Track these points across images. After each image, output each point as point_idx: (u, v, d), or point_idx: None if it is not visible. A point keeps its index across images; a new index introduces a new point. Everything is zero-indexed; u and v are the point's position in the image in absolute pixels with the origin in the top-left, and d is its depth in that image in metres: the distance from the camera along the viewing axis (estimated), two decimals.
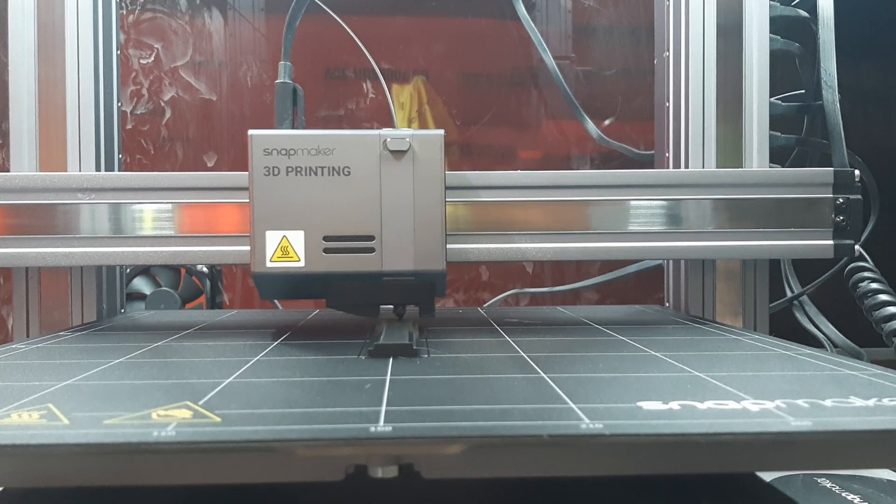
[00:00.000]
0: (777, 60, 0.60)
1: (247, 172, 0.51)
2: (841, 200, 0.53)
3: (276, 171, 0.42)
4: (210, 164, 0.87)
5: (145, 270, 0.78)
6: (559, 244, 0.52)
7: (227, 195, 0.52)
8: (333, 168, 0.43)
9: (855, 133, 0.84)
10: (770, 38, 0.58)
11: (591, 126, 0.80)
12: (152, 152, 0.87)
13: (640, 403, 0.26)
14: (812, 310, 0.68)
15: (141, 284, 0.78)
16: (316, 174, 0.43)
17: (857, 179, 0.54)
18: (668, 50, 0.62)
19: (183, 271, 0.79)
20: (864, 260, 0.59)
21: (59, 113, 0.56)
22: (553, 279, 0.90)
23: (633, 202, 0.53)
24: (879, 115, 0.87)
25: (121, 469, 0.22)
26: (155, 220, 0.52)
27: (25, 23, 0.56)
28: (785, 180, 0.53)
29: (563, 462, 0.22)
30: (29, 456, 0.22)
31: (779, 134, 0.62)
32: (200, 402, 0.27)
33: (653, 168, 0.69)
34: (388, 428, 0.23)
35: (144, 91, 0.87)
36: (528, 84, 0.90)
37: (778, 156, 0.65)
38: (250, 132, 0.43)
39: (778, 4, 0.59)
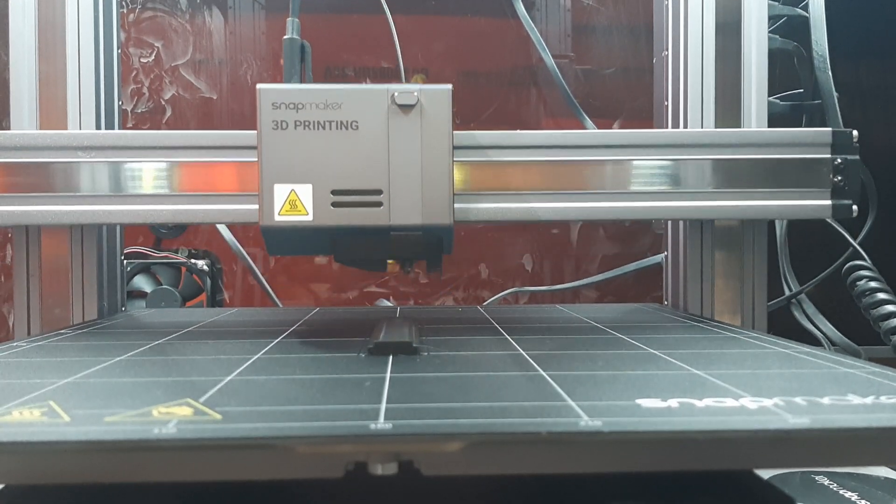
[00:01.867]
0: (775, 59, 0.60)
1: (248, 131, 0.50)
2: (839, 161, 0.53)
3: (284, 125, 0.42)
4: None
5: (146, 268, 0.78)
6: (565, 203, 0.52)
7: (229, 154, 0.52)
8: (341, 122, 0.42)
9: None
10: (768, 36, 0.58)
11: (589, 125, 0.80)
12: None
13: (638, 401, 0.26)
14: (810, 308, 0.68)
15: (141, 282, 0.78)
16: (324, 128, 0.42)
17: (854, 140, 0.53)
18: (667, 49, 0.62)
19: (184, 270, 0.79)
20: (862, 258, 0.59)
21: (59, 111, 0.56)
22: (552, 278, 0.90)
23: (637, 162, 0.52)
24: (878, 114, 0.87)
25: (122, 466, 0.22)
26: (156, 178, 0.52)
27: (26, 21, 0.56)
28: (783, 140, 0.53)
29: (561, 459, 0.22)
30: (30, 453, 0.22)
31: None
32: (201, 400, 0.27)
33: None
34: (388, 425, 0.23)
35: (145, 90, 0.87)
36: (527, 83, 0.90)
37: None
38: (259, 86, 0.43)
39: (777, 3, 0.59)
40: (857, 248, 0.63)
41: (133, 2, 0.88)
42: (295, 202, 0.43)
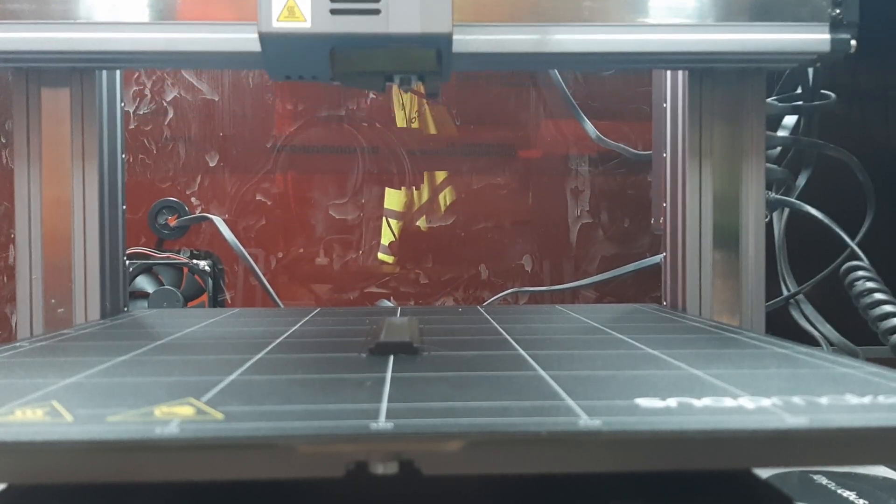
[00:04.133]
0: None
1: None
2: None
3: None
4: (212, 164, 0.88)
5: (148, 269, 0.79)
6: (568, 35, 0.52)
7: None
8: None
9: (852, 133, 0.85)
10: None
11: (589, 126, 0.80)
12: (155, 152, 0.88)
13: (637, 400, 0.26)
14: (808, 308, 0.68)
15: (144, 283, 0.78)
16: None
17: None
18: None
19: (185, 270, 0.80)
20: (860, 259, 0.60)
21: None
22: (552, 278, 0.91)
23: None
24: (877, 115, 0.87)
25: (124, 465, 0.22)
26: (152, 7, 0.52)
27: None
28: None
29: (561, 458, 0.23)
30: (33, 452, 0.22)
31: (775, 134, 0.62)
32: (203, 400, 0.27)
33: (651, 169, 0.69)
34: (389, 425, 0.23)
35: (147, 91, 0.87)
36: (526, 84, 0.90)
37: (773, 156, 0.66)
38: None
39: None
40: (855, 248, 0.63)
41: None
42: (293, 8, 0.42)
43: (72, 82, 0.57)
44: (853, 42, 0.52)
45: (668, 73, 0.62)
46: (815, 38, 0.52)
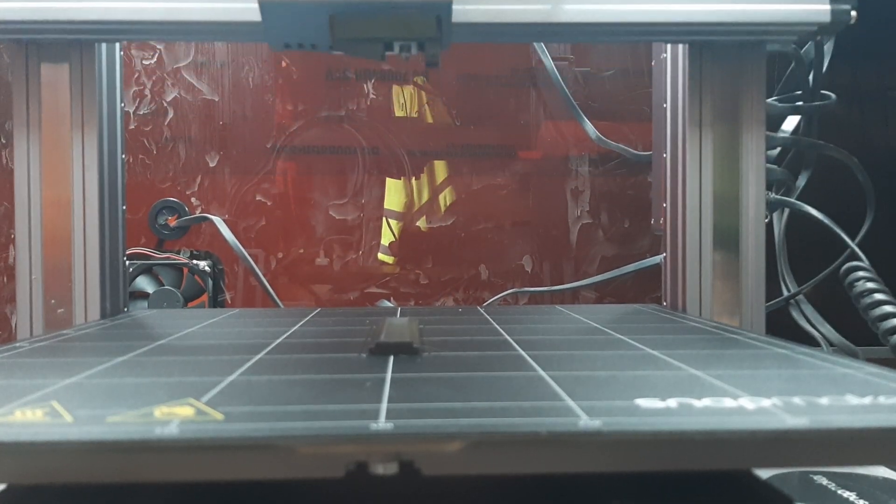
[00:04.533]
0: (773, 61, 0.61)
1: None
2: None
3: None
4: (212, 164, 0.88)
5: (148, 269, 0.79)
6: (573, 6, 0.51)
7: None
8: None
9: (852, 133, 0.85)
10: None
11: (589, 127, 0.80)
12: (155, 152, 0.88)
13: (637, 401, 0.26)
14: (808, 309, 0.68)
15: (144, 283, 0.78)
16: None
17: None
18: (666, 51, 0.62)
19: (185, 270, 0.80)
20: (860, 259, 0.60)
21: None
22: (552, 279, 0.91)
23: None
24: (876, 116, 0.87)
25: (124, 466, 0.22)
26: None
27: None
28: None
29: (561, 459, 0.23)
30: (33, 453, 0.22)
31: (775, 134, 0.62)
32: (203, 400, 0.27)
33: (651, 170, 0.69)
34: (389, 425, 0.23)
35: (147, 92, 0.87)
36: (526, 85, 0.91)
37: (773, 156, 0.66)
38: None
39: None
40: (856, 248, 0.63)
41: None
42: None
43: (71, 57, 0.56)
44: (853, 13, 0.51)
45: (669, 71, 0.62)
46: (815, 8, 0.52)
